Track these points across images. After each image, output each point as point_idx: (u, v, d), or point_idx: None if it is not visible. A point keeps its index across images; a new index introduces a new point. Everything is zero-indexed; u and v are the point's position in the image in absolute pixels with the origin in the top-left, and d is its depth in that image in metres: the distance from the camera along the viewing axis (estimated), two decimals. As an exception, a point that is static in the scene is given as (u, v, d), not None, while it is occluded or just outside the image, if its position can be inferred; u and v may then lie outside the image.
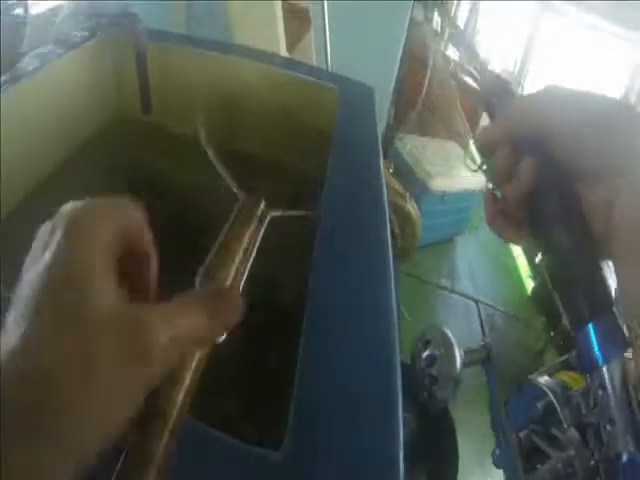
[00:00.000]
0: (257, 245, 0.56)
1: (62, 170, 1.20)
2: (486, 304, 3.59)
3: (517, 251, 4.44)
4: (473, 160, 4.53)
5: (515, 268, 4.23)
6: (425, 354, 1.32)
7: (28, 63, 1.07)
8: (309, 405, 0.53)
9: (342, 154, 1.07)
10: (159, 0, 1.92)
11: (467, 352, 1.37)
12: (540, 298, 3.73)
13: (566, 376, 1.45)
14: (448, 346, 1.29)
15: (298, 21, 2.28)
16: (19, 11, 1.20)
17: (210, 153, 0.90)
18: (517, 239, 0.51)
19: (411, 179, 3.33)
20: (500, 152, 0.48)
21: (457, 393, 1.32)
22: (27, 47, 1.13)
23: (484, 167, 0.53)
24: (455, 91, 3.95)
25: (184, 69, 1.44)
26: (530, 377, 1.55)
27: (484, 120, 5.00)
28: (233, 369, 0.80)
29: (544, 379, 1.41)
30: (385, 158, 3.52)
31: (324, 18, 2.33)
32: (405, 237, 2.49)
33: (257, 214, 0.61)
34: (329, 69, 2.35)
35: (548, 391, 1.31)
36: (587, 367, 0.42)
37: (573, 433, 1.15)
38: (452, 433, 1.80)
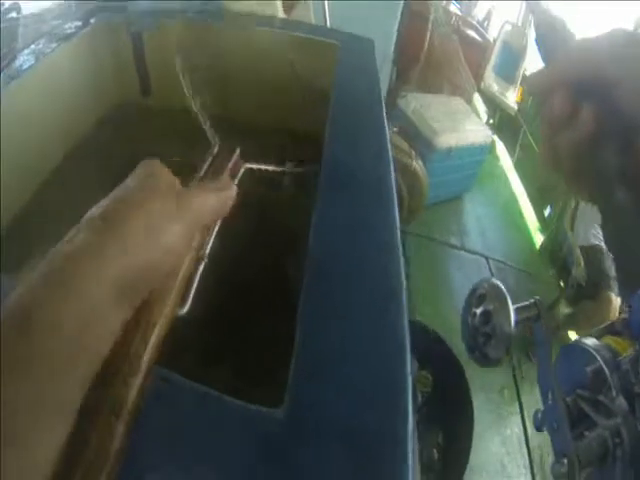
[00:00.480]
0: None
1: (69, 159, 1.19)
2: (496, 260, 3.55)
3: (526, 205, 4.39)
4: (478, 115, 4.45)
5: (524, 222, 4.18)
6: (479, 310, 1.26)
7: (24, 60, 1.05)
8: (309, 362, 0.51)
9: (343, 107, 1.04)
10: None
11: (519, 309, 1.32)
12: (550, 251, 3.70)
13: (612, 341, 1.41)
14: (503, 301, 1.22)
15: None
16: (13, 14, 1.20)
17: (200, 116, 0.87)
18: (573, 189, 0.47)
19: (416, 137, 3.25)
20: (557, 97, 0.43)
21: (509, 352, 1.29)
22: (22, 44, 1.12)
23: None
24: (457, 46, 3.88)
25: (181, 45, 1.40)
26: (576, 339, 1.51)
27: (488, 73, 4.91)
28: (234, 331, 0.82)
29: (592, 342, 1.36)
30: (388, 118, 3.44)
31: None
32: (413, 196, 2.45)
33: (230, 165, 0.59)
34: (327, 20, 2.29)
35: (597, 355, 1.26)
36: (638, 332, 0.40)
37: (622, 401, 1.11)
38: (467, 392, 1.80)
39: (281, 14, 1.68)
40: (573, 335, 3.12)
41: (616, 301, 2.72)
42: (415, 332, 1.70)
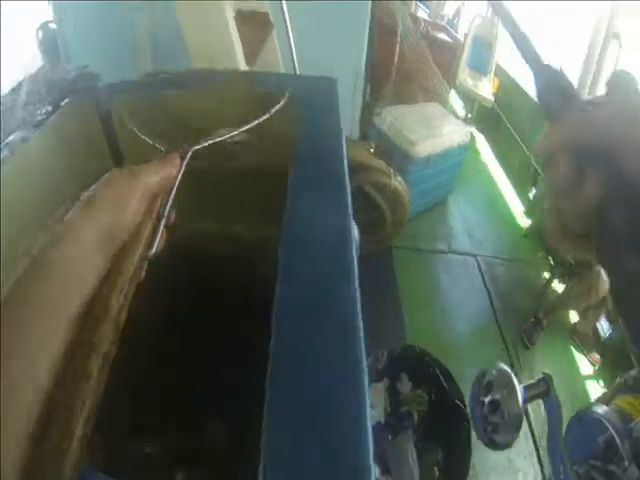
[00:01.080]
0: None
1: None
2: (485, 256, 3.57)
3: (510, 192, 4.40)
4: (455, 114, 4.46)
5: (509, 211, 4.19)
6: (488, 399, 1.24)
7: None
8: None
9: (305, 152, 1.05)
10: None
11: (527, 387, 1.29)
12: (537, 234, 3.71)
13: (625, 402, 1.36)
14: (510, 387, 1.22)
15: (260, 25, 2.23)
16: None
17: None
18: (581, 256, 0.48)
19: (394, 152, 3.25)
20: (563, 162, 0.42)
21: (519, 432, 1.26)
22: (-3, 134, 1.14)
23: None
24: (427, 52, 3.88)
25: (150, 114, 1.42)
26: (588, 406, 1.46)
27: (462, 68, 4.91)
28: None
29: (603, 410, 1.32)
30: (365, 139, 3.45)
31: (284, 16, 2.27)
32: (395, 213, 2.48)
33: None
34: (295, 64, 2.29)
35: (608, 424, 1.23)
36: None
37: (634, 471, 1.10)
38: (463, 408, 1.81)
39: (242, 64, 1.70)
40: (573, 315, 3.18)
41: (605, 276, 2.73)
42: (409, 354, 1.72)
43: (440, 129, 3.44)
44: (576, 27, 3.89)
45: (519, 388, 1.21)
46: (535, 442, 2.50)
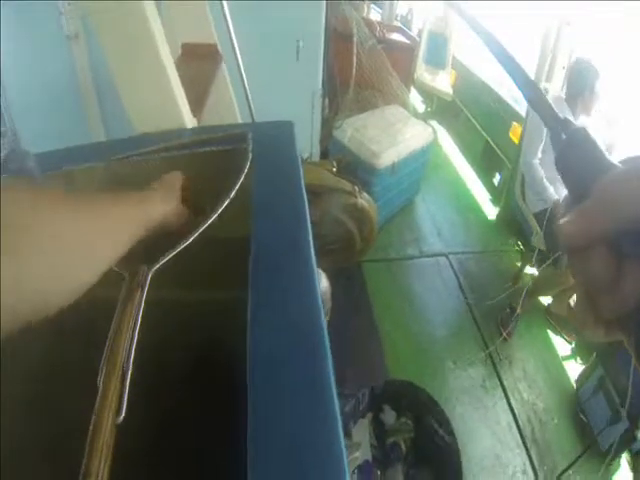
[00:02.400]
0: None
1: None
2: (456, 253, 3.45)
3: (474, 182, 4.31)
4: (415, 112, 4.33)
5: (475, 201, 4.10)
6: None
7: None
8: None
9: (263, 205, 0.98)
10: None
11: None
12: (506, 220, 3.63)
13: None
14: None
15: (209, 58, 2.09)
16: None
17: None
18: (610, 339, 0.35)
19: (358, 166, 3.11)
20: (601, 253, 0.31)
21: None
22: None
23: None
24: (383, 55, 3.74)
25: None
26: None
27: (419, 64, 4.78)
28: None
29: None
30: (327, 155, 3.31)
31: (233, 46, 2.12)
32: (363, 231, 2.36)
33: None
34: (249, 96, 2.15)
35: None
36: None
37: None
38: (450, 429, 1.72)
39: (189, 120, 1.55)
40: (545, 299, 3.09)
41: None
42: (390, 388, 1.63)
43: (403, 133, 3.29)
44: (527, 17, 3.77)
45: None
46: (520, 433, 2.45)
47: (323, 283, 1.45)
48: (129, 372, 0.52)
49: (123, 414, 0.48)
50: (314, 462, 0.52)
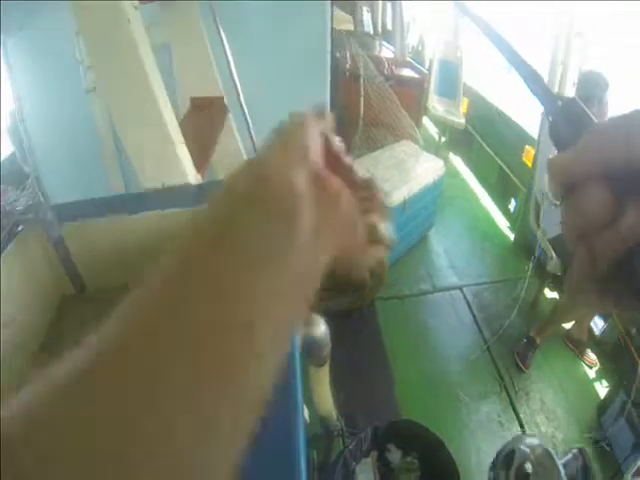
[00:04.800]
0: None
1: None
2: (470, 285, 3.42)
3: (490, 209, 4.27)
4: (432, 140, 4.32)
5: (492, 229, 4.05)
6: None
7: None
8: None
9: None
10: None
11: (564, 465, 1.13)
12: (523, 247, 3.59)
13: None
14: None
15: (216, 111, 2.15)
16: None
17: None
18: (610, 309, 0.34)
19: (370, 207, 3.08)
20: (591, 190, 0.30)
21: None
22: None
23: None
24: (391, 92, 3.76)
25: (103, 238, 1.35)
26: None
27: (431, 95, 4.80)
28: None
29: None
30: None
31: (239, 97, 2.17)
32: (374, 271, 2.36)
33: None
34: (254, 143, 2.19)
35: None
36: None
37: None
38: (453, 464, 1.71)
39: (192, 176, 1.60)
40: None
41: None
42: (394, 427, 1.62)
43: (414, 170, 3.31)
44: (538, 28, 3.74)
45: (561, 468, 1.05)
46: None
47: (321, 328, 1.47)
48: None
49: None
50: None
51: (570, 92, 3.05)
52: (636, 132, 0.28)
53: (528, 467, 1.10)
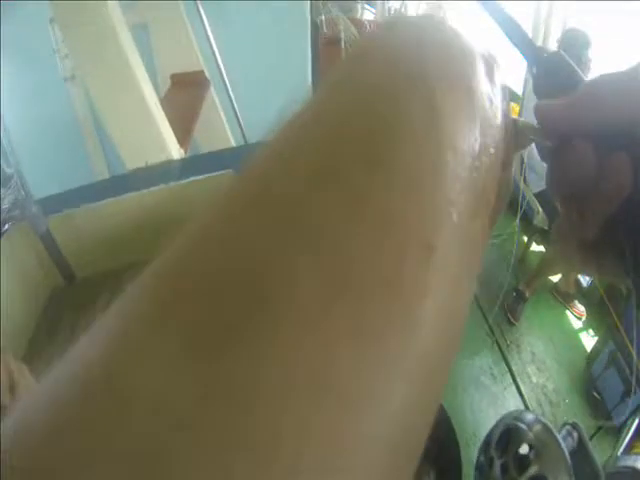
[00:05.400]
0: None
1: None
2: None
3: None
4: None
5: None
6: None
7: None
8: None
9: None
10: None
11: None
12: (509, 203, 3.53)
13: None
14: (557, 456, 0.88)
15: (197, 84, 2.14)
16: None
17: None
18: (603, 274, 0.32)
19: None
20: (579, 149, 0.28)
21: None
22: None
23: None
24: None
25: (89, 225, 1.36)
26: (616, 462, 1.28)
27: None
28: None
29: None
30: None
31: (220, 70, 2.16)
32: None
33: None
34: (238, 115, 2.19)
35: None
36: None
37: None
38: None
39: (175, 150, 1.61)
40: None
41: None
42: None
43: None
44: None
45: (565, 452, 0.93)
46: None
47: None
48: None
49: None
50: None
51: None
52: (633, 93, 0.27)
53: (526, 449, 0.93)
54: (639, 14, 2.66)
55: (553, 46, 2.97)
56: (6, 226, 1.26)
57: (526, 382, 2.58)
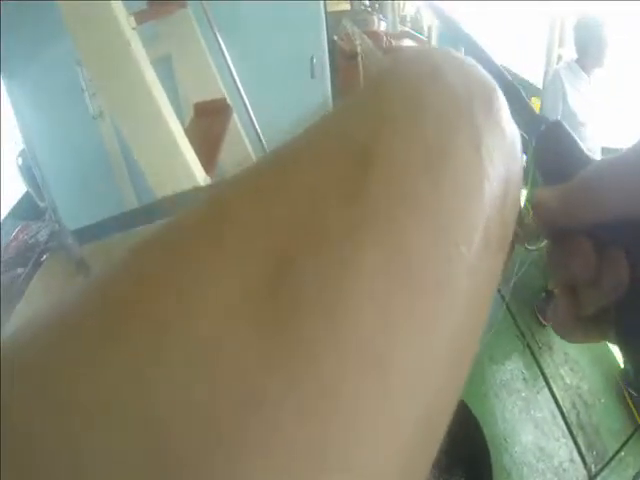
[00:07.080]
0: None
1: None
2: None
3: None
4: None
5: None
6: None
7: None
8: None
9: None
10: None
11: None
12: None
13: None
14: None
15: (220, 113, 2.19)
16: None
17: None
18: (597, 341, 0.32)
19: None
20: (576, 243, 0.27)
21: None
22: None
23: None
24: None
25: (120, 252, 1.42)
26: None
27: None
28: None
29: None
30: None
31: (242, 96, 2.21)
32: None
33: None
34: (262, 140, 2.23)
35: None
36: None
37: None
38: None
39: (202, 178, 1.66)
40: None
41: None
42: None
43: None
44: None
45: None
46: (565, 420, 2.36)
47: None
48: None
49: None
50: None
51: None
52: (634, 187, 0.26)
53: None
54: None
55: (570, 34, 2.88)
56: (44, 256, 1.33)
57: (559, 384, 2.52)
